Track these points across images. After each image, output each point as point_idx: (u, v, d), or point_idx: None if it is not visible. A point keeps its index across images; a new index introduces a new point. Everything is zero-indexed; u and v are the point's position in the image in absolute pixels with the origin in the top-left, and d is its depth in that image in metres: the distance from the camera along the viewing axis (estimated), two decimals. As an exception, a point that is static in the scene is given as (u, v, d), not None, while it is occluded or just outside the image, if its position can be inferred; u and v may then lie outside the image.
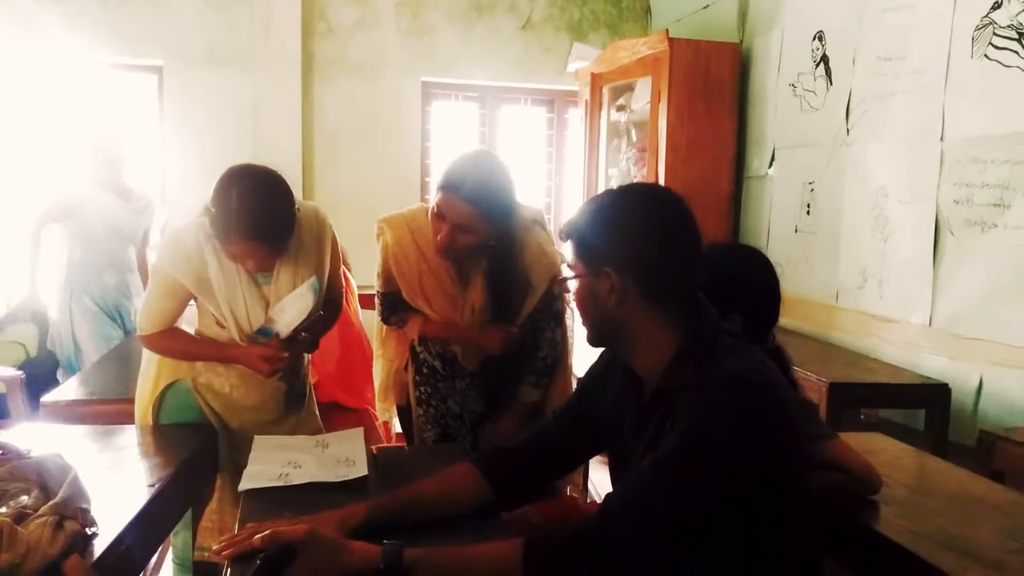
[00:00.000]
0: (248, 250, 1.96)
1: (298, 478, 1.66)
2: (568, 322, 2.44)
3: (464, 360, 2.29)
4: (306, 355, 2.33)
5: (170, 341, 2.12)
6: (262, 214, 1.92)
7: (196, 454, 1.98)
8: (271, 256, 2.02)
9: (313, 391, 2.41)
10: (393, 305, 2.28)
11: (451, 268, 2.19)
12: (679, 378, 1.25)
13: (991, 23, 2.76)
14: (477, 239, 2.07)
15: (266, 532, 1.22)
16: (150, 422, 2.17)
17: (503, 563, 1.19)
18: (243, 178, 1.94)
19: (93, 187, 3.87)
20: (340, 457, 1.79)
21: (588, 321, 1.37)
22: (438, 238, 2.06)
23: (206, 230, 2.02)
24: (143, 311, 2.12)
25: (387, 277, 2.25)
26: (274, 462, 1.75)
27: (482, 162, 2.09)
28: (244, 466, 2.15)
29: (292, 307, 2.05)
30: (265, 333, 2.07)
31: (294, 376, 2.24)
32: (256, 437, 1.93)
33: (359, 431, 1.93)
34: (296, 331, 2.07)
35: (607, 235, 1.31)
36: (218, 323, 2.10)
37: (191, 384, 2.16)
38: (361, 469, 1.70)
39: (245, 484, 1.63)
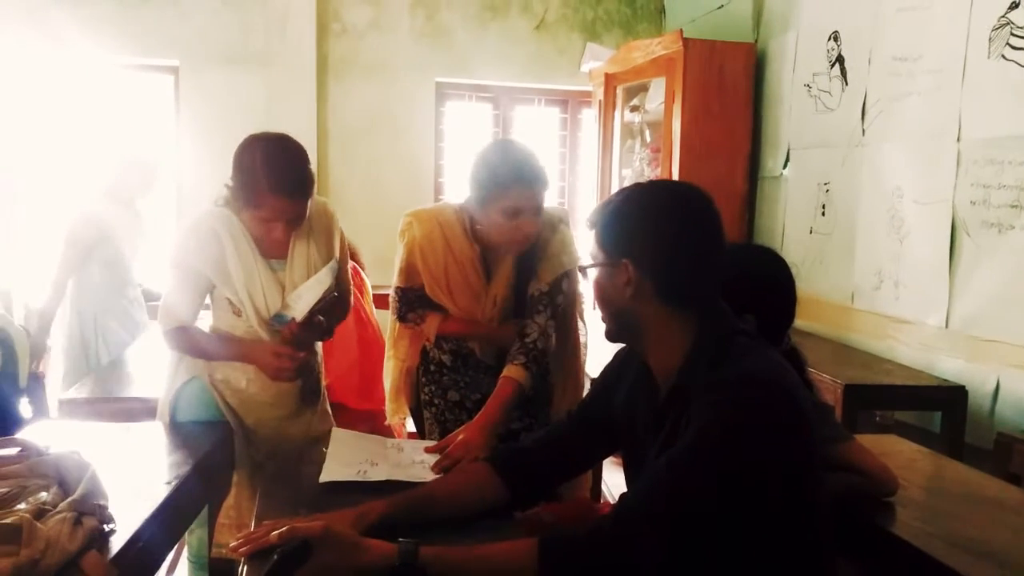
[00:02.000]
0: (278, 209, 1.99)
1: (375, 475, 1.68)
2: (582, 326, 2.43)
3: (483, 355, 2.29)
4: (319, 352, 2.35)
5: (189, 339, 2.14)
6: (289, 168, 2.00)
7: (213, 451, 1.99)
8: (297, 217, 2.05)
9: (325, 390, 2.42)
10: (412, 302, 2.28)
11: (477, 262, 2.21)
12: (694, 377, 1.25)
13: (1008, 23, 2.74)
14: (540, 218, 2.14)
15: (283, 528, 1.23)
16: (167, 419, 2.19)
17: (518, 562, 1.19)
18: (262, 140, 2.03)
19: (115, 208, 3.67)
20: (416, 458, 1.82)
21: (604, 312, 1.38)
22: (525, 232, 2.10)
23: (221, 218, 2.07)
24: (163, 307, 2.14)
25: (410, 272, 2.25)
26: (352, 458, 1.77)
27: (516, 146, 2.17)
28: (260, 462, 2.17)
29: (309, 293, 2.09)
30: (280, 320, 2.10)
31: (308, 371, 2.26)
32: (334, 430, 1.96)
33: (430, 442, 1.95)
34: (312, 314, 2.09)
35: (628, 228, 1.32)
36: (234, 312, 2.12)
37: (207, 381, 2.17)
38: (435, 472, 1.73)
39: (325, 476, 1.65)
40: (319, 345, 2.38)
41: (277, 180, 1.97)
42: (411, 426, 2.58)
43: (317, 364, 2.35)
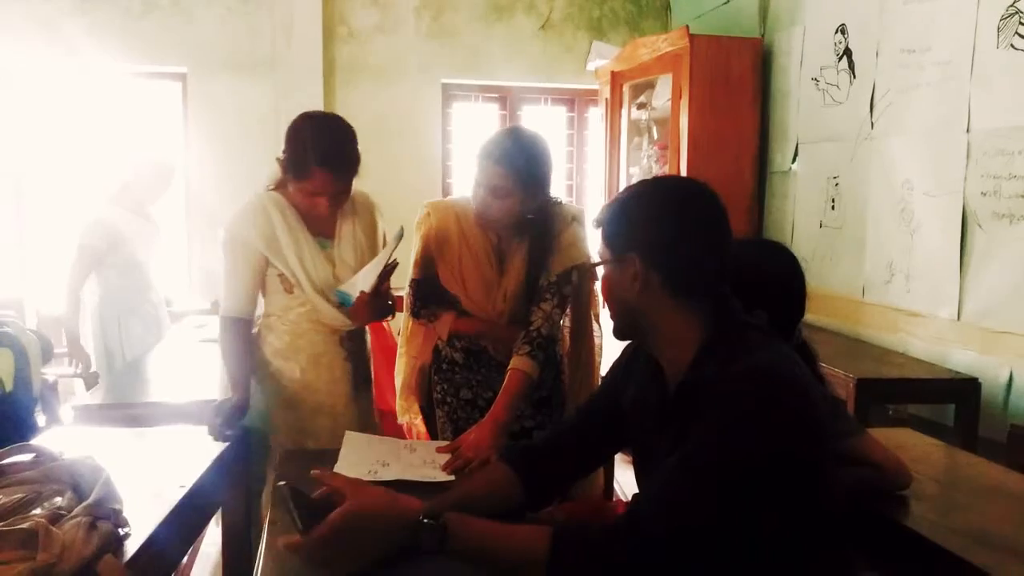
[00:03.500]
0: (324, 182, 2.09)
1: (386, 475, 1.70)
2: (597, 328, 2.43)
3: (495, 352, 2.30)
4: (368, 340, 2.42)
5: (233, 343, 2.17)
6: (336, 145, 2.12)
7: (226, 454, 2.00)
8: (341, 191, 2.16)
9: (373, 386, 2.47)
10: (426, 296, 2.29)
11: (491, 253, 2.23)
12: (705, 372, 1.24)
13: (1017, 12, 2.73)
14: (512, 205, 2.11)
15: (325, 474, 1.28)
16: None
17: (532, 545, 1.19)
18: (315, 117, 2.16)
19: (125, 214, 3.69)
20: (427, 459, 1.83)
21: (613, 309, 1.39)
22: (479, 209, 2.13)
23: (270, 197, 2.18)
24: (224, 293, 2.20)
25: (426, 263, 2.28)
26: (364, 459, 1.79)
27: (515, 131, 2.18)
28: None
29: (376, 267, 2.17)
30: (344, 299, 2.18)
31: (359, 359, 2.33)
32: (347, 433, 1.99)
33: (442, 443, 1.97)
34: (381, 279, 2.16)
35: (633, 222, 1.33)
36: (286, 289, 2.19)
37: (257, 379, 2.24)
38: (446, 473, 1.74)
39: None
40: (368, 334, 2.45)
41: (324, 154, 2.07)
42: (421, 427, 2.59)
43: (367, 351, 2.40)
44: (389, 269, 2.17)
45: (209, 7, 5.00)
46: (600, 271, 1.38)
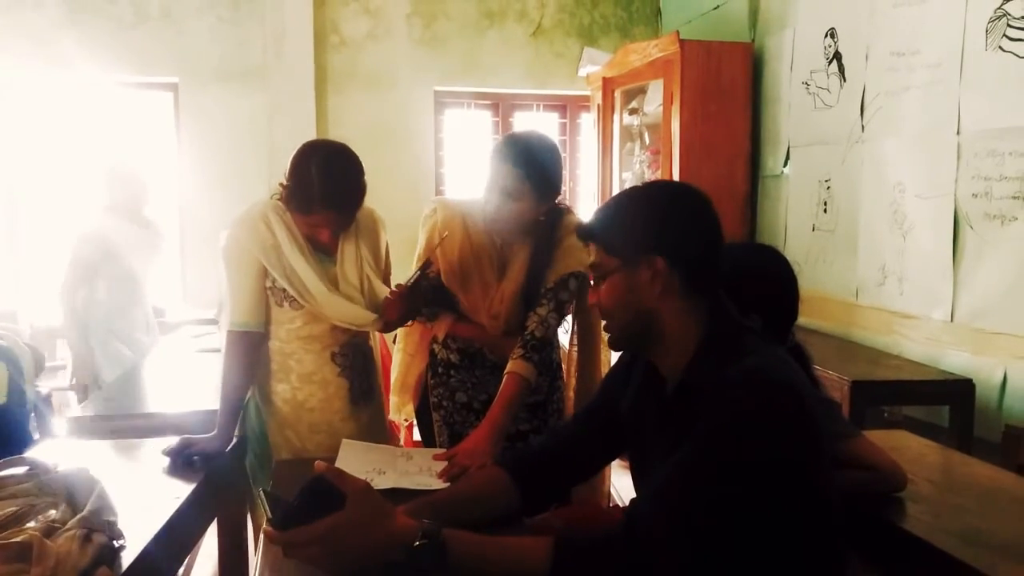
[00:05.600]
0: (325, 219, 2.06)
1: (381, 483, 1.69)
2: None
3: (492, 355, 2.30)
4: (375, 348, 2.39)
5: (240, 356, 2.12)
6: (342, 182, 2.06)
7: (222, 466, 1.99)
8: (343, 225, 2.13)
9: (383, 394, 2.44)
10: (427, 294, 2.28)
11: (492, 256, 2.23)
12: (701, 375, 1.25)
13: (1005, 14, 2.74)
14: (526, 207, 2.12)
15: (333, 468, 1.22)
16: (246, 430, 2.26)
17: (533, 557, 1.18)
18: (320, 152, 2.09)
19: (118, 221, 3.64)
20: (423, 466, 1.83)
21: (618, 318, 1.34)
22: (487, 208, 2.13)
23: (273, 207, 2.12)
24: (231, 305, 2.16)
25: (429, 258, 2.27)
26: (360, 467, 1.79)
27: (530, 134, 2.22)
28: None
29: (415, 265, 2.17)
30: None
31: (356, 373, 2.26)
32: (344, 441, 1.98)
33: (439, 451, 1.97)
34: (419, 276, 2.14)
35: (650, 223, 1.31)
36: (276, 303, 2.14)
37: (258, 396, 2.23)
38: (443, 481, 1.74)
39: None
40: (378, 345, 2.42)
41: (329, 193, 2.02)
42: (416, 434, 2.58)
43: (372, 365, 2.35)
44: (425, 266, 2.17)
45: (200, 17, 5.00)
46: (605, 282, 1.34)
